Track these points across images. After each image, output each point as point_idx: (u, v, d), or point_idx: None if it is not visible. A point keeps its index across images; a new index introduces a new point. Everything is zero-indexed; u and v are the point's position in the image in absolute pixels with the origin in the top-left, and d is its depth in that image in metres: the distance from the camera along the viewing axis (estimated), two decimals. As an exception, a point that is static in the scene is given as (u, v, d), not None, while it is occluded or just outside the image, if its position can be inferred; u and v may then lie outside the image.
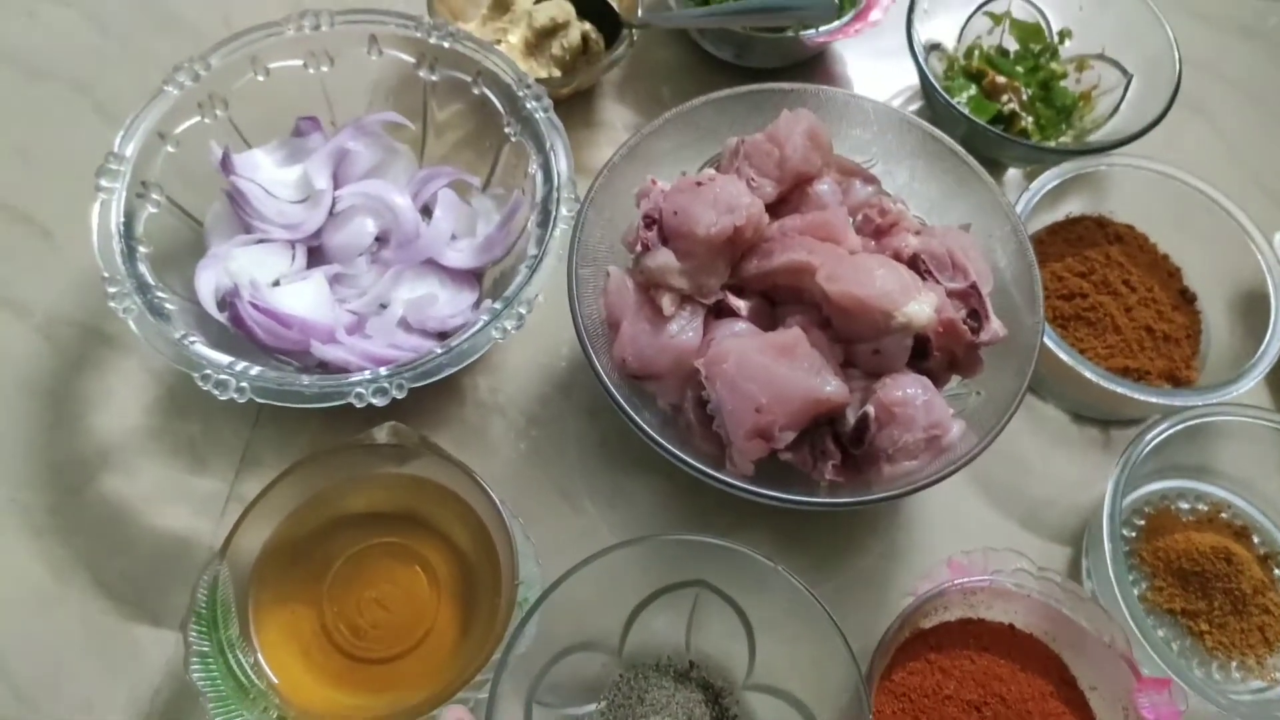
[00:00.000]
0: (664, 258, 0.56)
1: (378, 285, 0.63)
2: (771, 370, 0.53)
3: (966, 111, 0.71)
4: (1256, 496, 0.63)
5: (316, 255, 0.65)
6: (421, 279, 0.64)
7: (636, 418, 0.53)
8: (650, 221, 0.58)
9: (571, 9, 0.71)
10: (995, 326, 0.57)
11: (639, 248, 0.57)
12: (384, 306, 0.63)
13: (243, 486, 0.59)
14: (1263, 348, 0.63)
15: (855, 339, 0.56)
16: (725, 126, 0.64)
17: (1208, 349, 0.69)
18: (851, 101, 0.63)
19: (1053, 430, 0.66)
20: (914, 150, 0.63)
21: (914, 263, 0.58)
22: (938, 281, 0.57)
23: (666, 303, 0.57)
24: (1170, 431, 0.59)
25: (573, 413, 0.64)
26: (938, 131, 0.62)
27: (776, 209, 0.61)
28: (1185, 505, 0.64)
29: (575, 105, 0.75)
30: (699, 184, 0.57)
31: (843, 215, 0.59)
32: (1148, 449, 0.58)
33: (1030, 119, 0.74)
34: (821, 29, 0.71)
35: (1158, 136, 0.70)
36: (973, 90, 0.75)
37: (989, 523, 0.62)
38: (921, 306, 0.54)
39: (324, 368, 0.59)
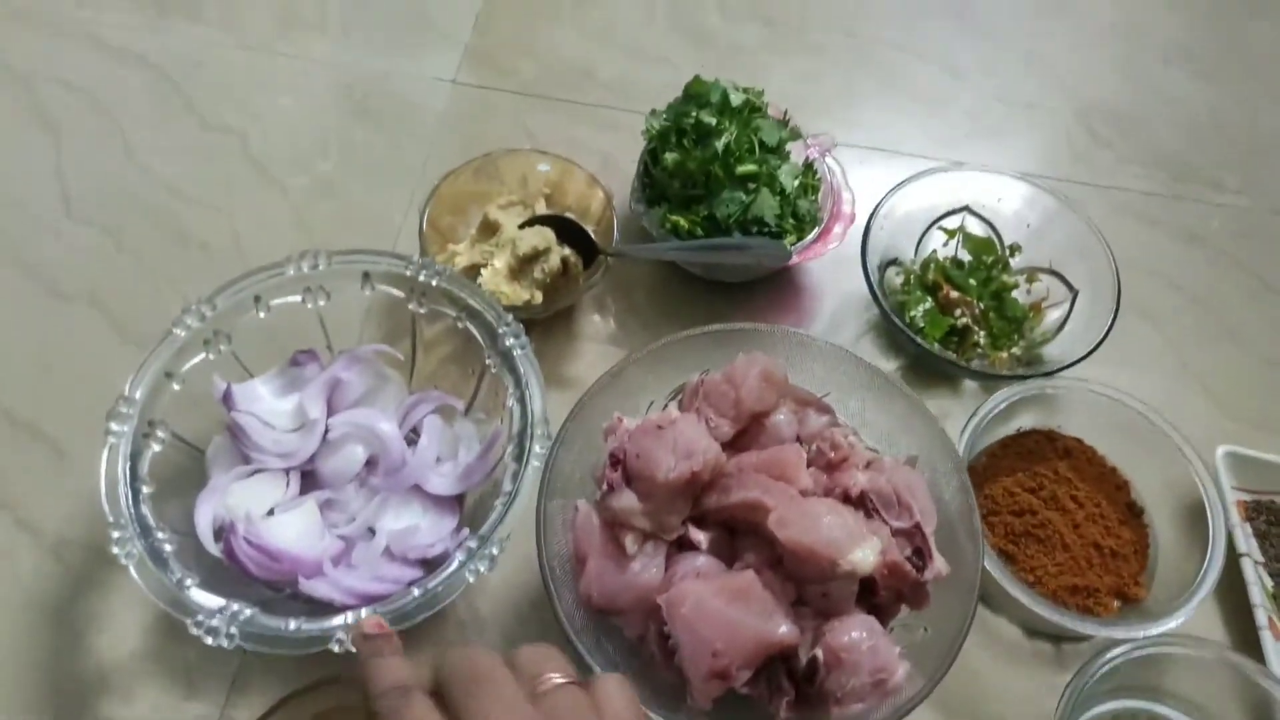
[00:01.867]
0: (627, 500, 0.60)
1: (365, 510, 0.67)
2: (726, 614, 0.57)
3: (921, 333, 0.76)
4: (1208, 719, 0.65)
5: (310, 478, 0.69)
6: (406, 504, 0.68)
7: (591, 662, 0.57)
8: (615, 461, 0.62)
9: (552, 235, 0.77)
10: (938, 565, 0.60)
11: (605, 486, 0.62)
12: (371, 530, 0.67)
13: (233, 711, 0.63)
14: (1201, 572, 0.66)
15: (805, 580, 0.60)
16: (691, 358, 0.68)
17: (1156, 563, 0.71)
18: (807, 340, 0.68)
19: (1006, 645, 0.69)
20: (864, 384, 0.68)
21: (862, 500, 0.62)
22: (884, 521, 0.61)
23: (629, 542, 0.61)
24: (1114, 663, 0.61)
25: (548, 632, 0.67)
26: (885, 370, 0.66)
27: (736, 439, 0.66)
28: (1135, 727, 0.66)
29: (555, 318, 0.80)
30: (660, 427, 0.62)
31: (795, 452, 0.63)
32: (1093, 678, 0.61)
33: (983, 332, 0.79)
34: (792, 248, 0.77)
35: (1108, 344, 0.74)
36: (928, 304, 0.80)
37: (943, 745, 0.65)
38: (865, 554, 0.57)
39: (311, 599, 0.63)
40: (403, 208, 0.86)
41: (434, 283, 0.70)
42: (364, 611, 0.57)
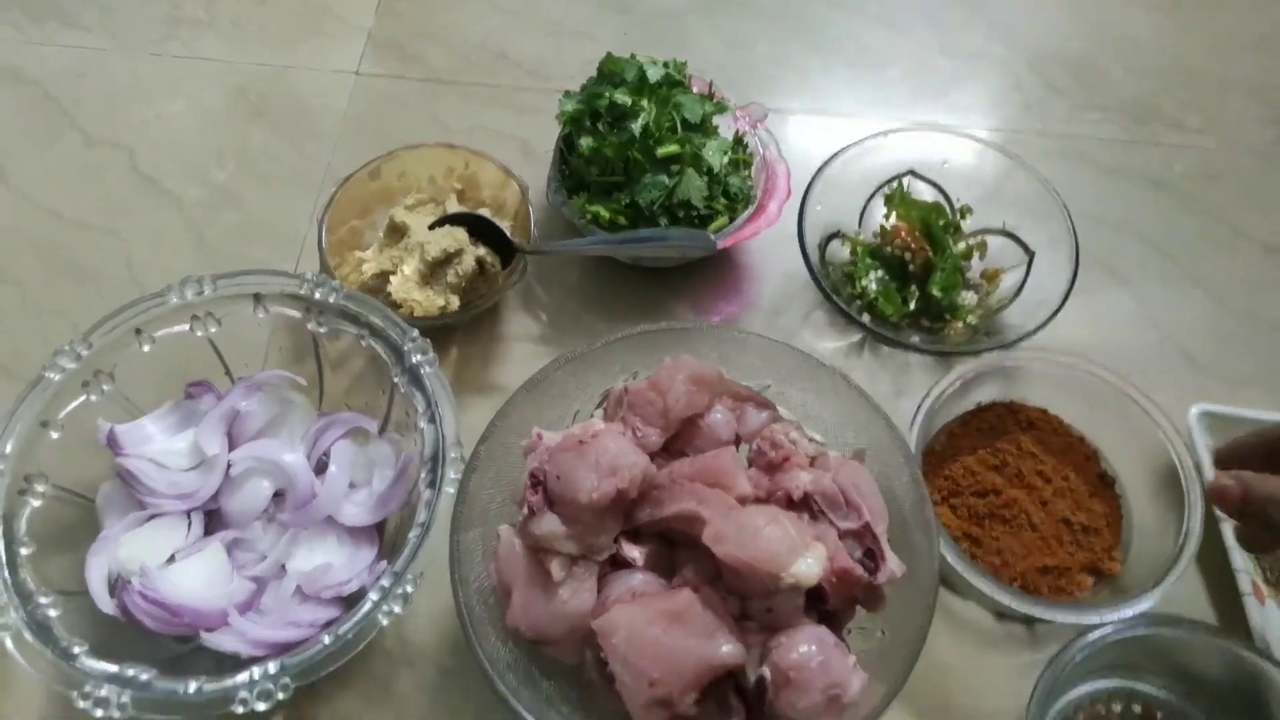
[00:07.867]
0: (549, 524, 0.55)
1: (276, 548, 0.62)
2: (663, 642, 0.52)
3: (873, 305, 0.72)
4: (1199, 695, 0.61)
5: (215, 518, 0.64)
6: (320, 538, 0.63)
7: (516, 706, 0.52)
8: (535, 482, 0.57)
9: (465, 235, 0.71)
10: (892, 566, 0.55)
11: (525, 510, 0.57)
12: (284, 567, 0.62)
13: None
14: (1180, 542, 0.62)
15: (747, 595, 0.55)
16: (617, 361, 0.63)
17: (1130, 535, 0.67)
18: (740, 336, 0.62)
19: (976, 631, 0.65)
20: (805, 374, 0.62)
21: (806, 503, 0.57)
22: (831, 523, 0.56)
23: (556, 568, 0.56)
24: (1090, 649, 0.57)
25: (480, 667, 0.62)
26: (826, 362, 0.61)
27: (670, 443, 0.61)
28: (1118, 708, 0.61)
29: (478, 319, 0.75)
30: (581, 442, 0.56)
31: (731, 457, 0.58)
32: (1067, 667, 0.57)
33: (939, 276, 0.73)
34: (716, 236, 0.71)
35: (1072, 302, 0.69)
36: (879, 273, 0.74)
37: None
38: (809, 564, 0.52)
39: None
40: (308, 214, 0.80)
41: (331, 299, 0.64)
42: (271, 666, 0.52)
